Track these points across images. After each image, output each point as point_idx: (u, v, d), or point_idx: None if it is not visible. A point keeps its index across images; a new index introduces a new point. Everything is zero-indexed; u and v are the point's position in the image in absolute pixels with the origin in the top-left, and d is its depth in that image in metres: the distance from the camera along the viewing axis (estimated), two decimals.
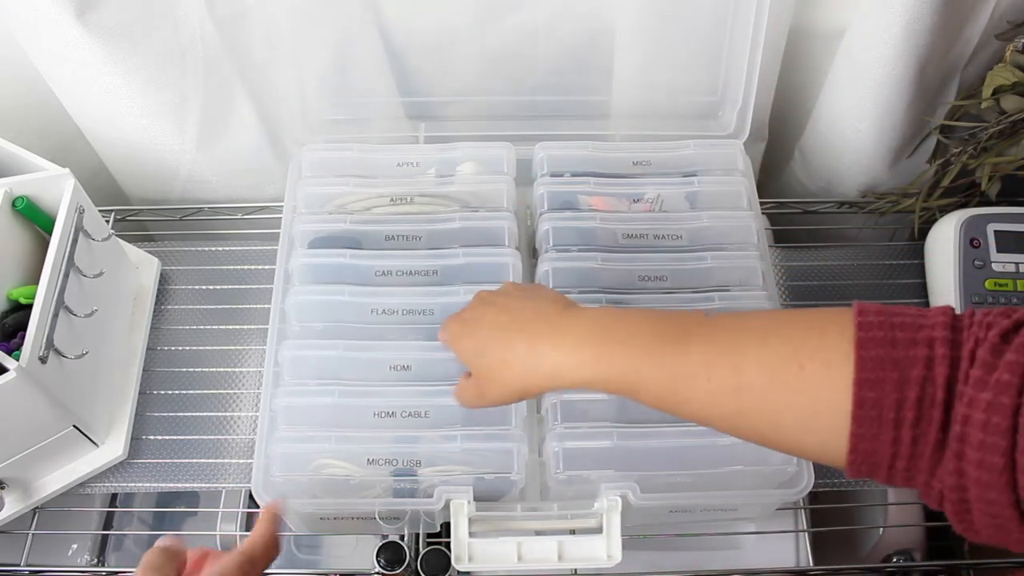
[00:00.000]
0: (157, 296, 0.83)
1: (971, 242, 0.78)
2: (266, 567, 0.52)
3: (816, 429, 0.42)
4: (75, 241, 0.67)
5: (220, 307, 0.82)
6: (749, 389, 0.44)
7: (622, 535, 0.63)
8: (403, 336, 0.71)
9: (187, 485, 0.74)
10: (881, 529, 0.78)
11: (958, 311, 0.42)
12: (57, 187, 0.68)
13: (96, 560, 0.80)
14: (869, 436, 0.40)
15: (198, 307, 0.83)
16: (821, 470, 0.69)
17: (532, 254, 0.78)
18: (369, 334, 0.70)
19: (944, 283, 0.78)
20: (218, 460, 0.75)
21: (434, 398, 0.67)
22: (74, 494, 0.73)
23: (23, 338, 0.61)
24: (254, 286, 0.83)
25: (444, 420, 0.67)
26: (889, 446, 0.40)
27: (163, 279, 0.84)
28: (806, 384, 0.42)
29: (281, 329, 0.71)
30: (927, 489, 0.41)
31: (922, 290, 0.82)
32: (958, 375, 0.39)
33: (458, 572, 0.65)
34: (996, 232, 0.79)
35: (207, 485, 0.74)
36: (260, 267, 0.84)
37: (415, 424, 0.67)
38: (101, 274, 0.71)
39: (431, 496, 0.64)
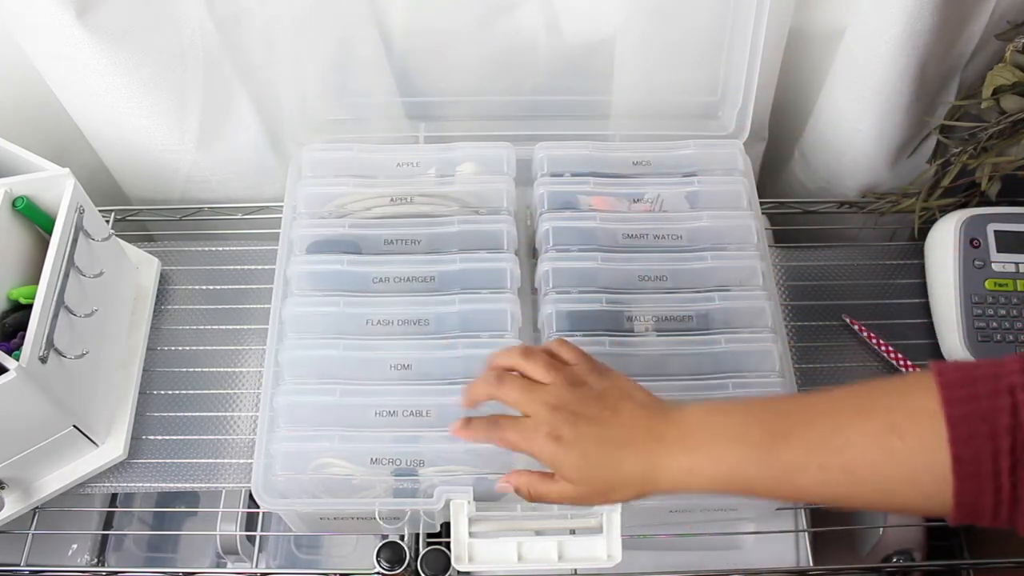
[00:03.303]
0: (157, 296, 0.83)
1: (971, 242, 0.78)
2: None
3: (921, 491, 0.45)
4: (75, 241, 0.67)
5: (220, 307, 0.82)
6: (856, 468, 0.46)
7: (622, 535, 0.63)
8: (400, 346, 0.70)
9: (187, 485, 0.74)
10: (881, 529, 0.78)
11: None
12: (57, 187, 0.68)
13: (96, 560, 0.80)
14: (971, 491, 0.43)
15: (198, 307, 0.83)
16: None
17: (532, 254, 0.78)
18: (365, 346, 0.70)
19: (944, 283, 0.78)
20: (218, 460, 0.75)
21: (436, 397, 0.67)
22: (74, 494, 0.73)
23: (23, 338, 0.61)
24: (254, 286, 0.83)
25: (446, 419, 0.67)
26: (991, 496, 0.42)
27: (163, 279, 0.84)
28: (907, 453, 0.45)
29: (281, 329, 0.71)
30: None
31: (922, 290, 0.82)
32: None
33: (458, 572, 0.65)
34: (996, 232, 0.79)
35: (207, 485, 0.74)
36: (260, 267, 0.84)
37: (416, 424, 0.67)
38: (101, 274, 0.71)
39: (431, 496, 0.64)
